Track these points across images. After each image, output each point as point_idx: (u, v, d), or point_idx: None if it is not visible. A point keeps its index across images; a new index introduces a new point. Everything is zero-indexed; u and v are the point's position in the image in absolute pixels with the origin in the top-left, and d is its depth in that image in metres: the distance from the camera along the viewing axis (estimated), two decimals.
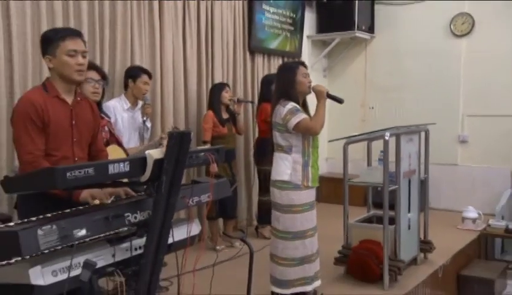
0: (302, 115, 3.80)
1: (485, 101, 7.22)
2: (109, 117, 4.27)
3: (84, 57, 2.84)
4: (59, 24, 4.45)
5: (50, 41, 2.80)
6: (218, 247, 5.46)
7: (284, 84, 3.96)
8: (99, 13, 4.85)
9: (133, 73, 4.73)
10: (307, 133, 3.85)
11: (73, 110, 2.90)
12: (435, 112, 7.08)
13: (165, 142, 4.48)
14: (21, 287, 1.96)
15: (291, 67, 4.04)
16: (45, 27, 4.31)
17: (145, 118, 4.67)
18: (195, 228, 2.66)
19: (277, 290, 3.94)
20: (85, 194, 2.64)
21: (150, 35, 5.39)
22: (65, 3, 4.57)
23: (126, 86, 4.75)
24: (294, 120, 3.78)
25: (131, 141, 4.63)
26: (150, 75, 4.80)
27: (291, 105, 3.83)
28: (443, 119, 6.87)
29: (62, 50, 2.77)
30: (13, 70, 4.22)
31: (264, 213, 6.06)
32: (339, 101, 4.01)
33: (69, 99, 2.89)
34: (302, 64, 4.07)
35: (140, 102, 4.75)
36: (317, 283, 4.06)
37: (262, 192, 6.03)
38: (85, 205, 2.54)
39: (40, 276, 1.95)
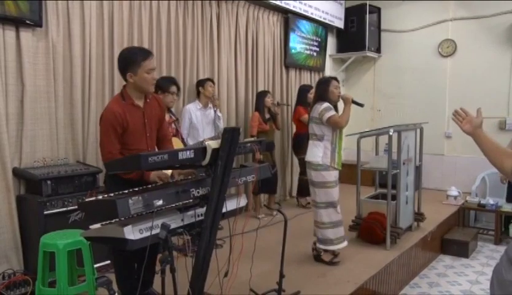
0: (333, 112, 3.87)
1: (465, 105, 6.80)
2: (176, 117, 4.34)
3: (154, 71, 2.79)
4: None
5: (133, 61, 2.69)
6: (260, 216, 5.43)
7: (320, 92, 4.02)
8: (174, 40, 4.89)
9: (202, 82, 4.89)
10: (336, 126, 3.87)
11: (145, 112, 2.81)
12: (427, 114, 6.99)
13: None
14: (118, 240, 2.03)
15: (326, 80, 4.10)
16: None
17: (215, 109, 4.84)
18: (243, 201, 2.67)
19: (323, 247, 3.98)
20: (153, 176, 2.64)
21: (210, 55, 5.41)
22: (151, 33, 4.62)
23: (198, 93, 4.88)
24: (327, 114, 3.83)
25: (205, 132, 4.77)
26: (213, 82, 4.98)
27: (326, 104, 3.89)
28: (433, 119, 6.76)
29: (144, 69, 2.68)
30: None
31: (303, 188, 6.07)
32: (361, 105, 4.07)
33: (141, 103, 2.80)
34: (335, 79, 4.12)
35: (210, 104, 4.86)
36: (345, 243, 4.05)
37: (302, 173, 6.01)
38: (153, 184, 2.53)
39: (131, 232, 2.00)
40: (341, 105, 4.02)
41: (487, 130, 2.12)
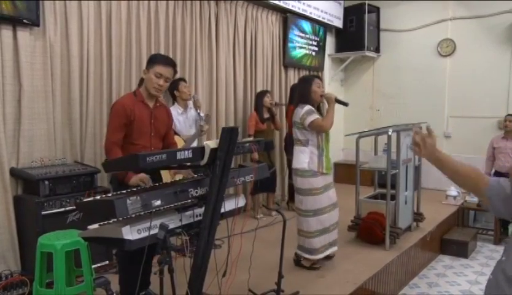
0: (315, 116, 3.69)
1: (464, 105, 7.16)
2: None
3: (166, 81, 2.92)
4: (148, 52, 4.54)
5: (151, 60, 2.95)
6: (258, 216, 5.43)
7: (302, 92, 3.84)
8: (173, 40, 4.89)
9: (174, 85, 4.44)
10: (319, 130, 3.71)
11: (153, 113, 2.99)
12: (426, 114, 6.99)
13: (205, 127, 4.41)
14: (116, 240, 2.02)
15: (308, 79, 3.90)
16: (143, 53, 4.48)
17: (198, 111, 4.62)
18: (241, 201, 2.67)
19: (308, 256, 3.83)
20: (134, 179, 2.70)
21: (208, 55, 5.40)
22: (149, 32, 4.62)
23: (174, 97, 4.57)
24: (309, 119, 3.66)
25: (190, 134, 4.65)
26: (185, 81, 4.66)
27: (308, 107, 3.71)
28: (432, 119, 6.73)
29: (154, 70, 2.89)
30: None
31: (293, 193, 6.01)
32: (345, 104, 3.96)
33: (151, 104, 2.99)
34: (317, 77, 3.94)
35: (190, 104, 4.63)
36: (334, 249, 3.96)
37: (291, 177, 5.96)
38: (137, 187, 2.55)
39: (129, 233, 2.00)
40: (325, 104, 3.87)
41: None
